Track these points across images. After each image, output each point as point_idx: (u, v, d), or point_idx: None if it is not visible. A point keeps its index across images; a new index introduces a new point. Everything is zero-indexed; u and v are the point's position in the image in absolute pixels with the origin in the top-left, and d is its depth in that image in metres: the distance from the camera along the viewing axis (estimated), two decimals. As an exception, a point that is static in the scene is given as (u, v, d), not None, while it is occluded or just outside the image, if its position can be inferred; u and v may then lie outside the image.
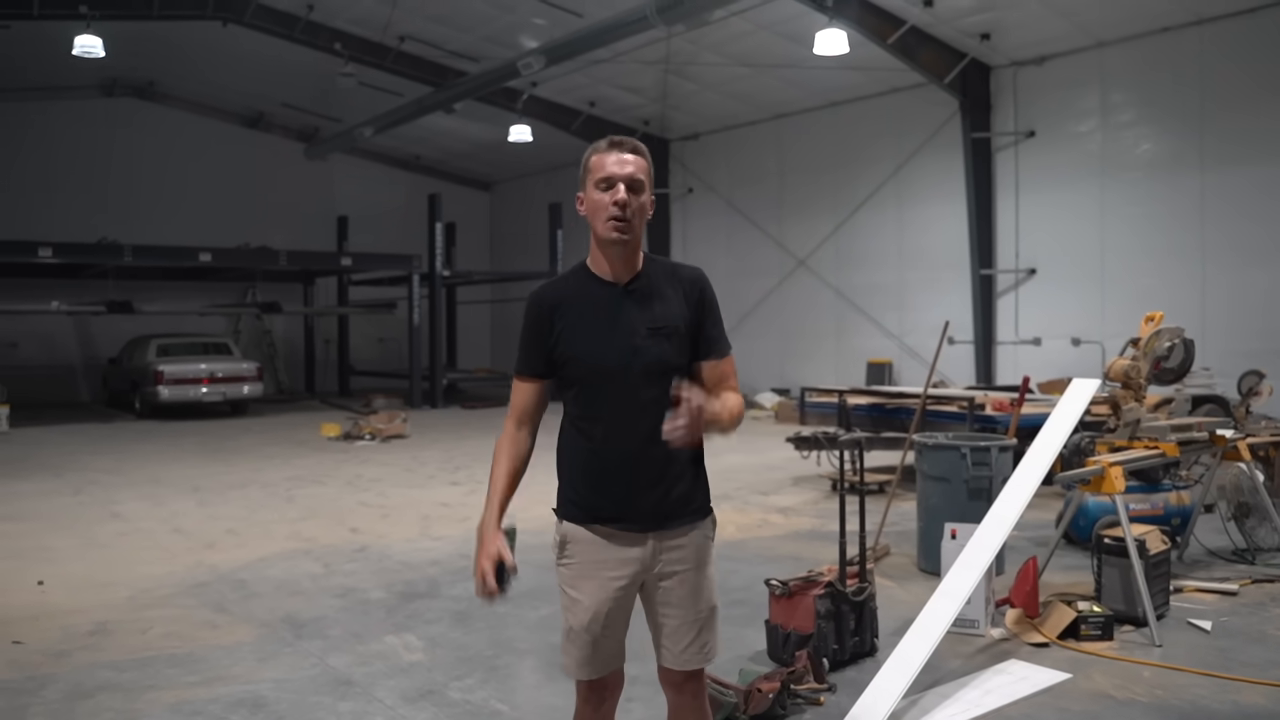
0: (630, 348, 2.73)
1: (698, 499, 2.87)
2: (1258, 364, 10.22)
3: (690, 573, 2.83)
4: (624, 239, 2.73)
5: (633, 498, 2.77)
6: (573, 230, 23.25)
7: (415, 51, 19.16)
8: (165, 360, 18.50)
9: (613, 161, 2.74)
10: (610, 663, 2.89)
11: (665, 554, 2.81)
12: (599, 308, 2.78)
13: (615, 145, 2.77)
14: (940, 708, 4.38)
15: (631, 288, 2.79)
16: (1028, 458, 5.64)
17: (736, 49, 16.80)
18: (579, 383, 2.80)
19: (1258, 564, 6.82)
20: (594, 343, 2.76)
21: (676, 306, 2.78)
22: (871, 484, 9.23)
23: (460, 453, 13.46)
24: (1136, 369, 6.65)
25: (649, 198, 2.79)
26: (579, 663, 2.86)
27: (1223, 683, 4.62)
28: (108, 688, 4.70)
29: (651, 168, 2.80)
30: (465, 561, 7.25)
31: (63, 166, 22.70)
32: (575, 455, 2.86)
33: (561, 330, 2.79)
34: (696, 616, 2.84)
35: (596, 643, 2.83)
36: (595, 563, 2.82)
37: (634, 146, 2.77)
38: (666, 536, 2.81)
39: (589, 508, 2.83)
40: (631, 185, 2.72)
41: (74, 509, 9.51)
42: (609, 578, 2.81)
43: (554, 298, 2.84)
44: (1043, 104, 15.42)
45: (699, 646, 2.86)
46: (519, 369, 2.90)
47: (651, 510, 2.78)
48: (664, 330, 2.75)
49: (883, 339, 17.75)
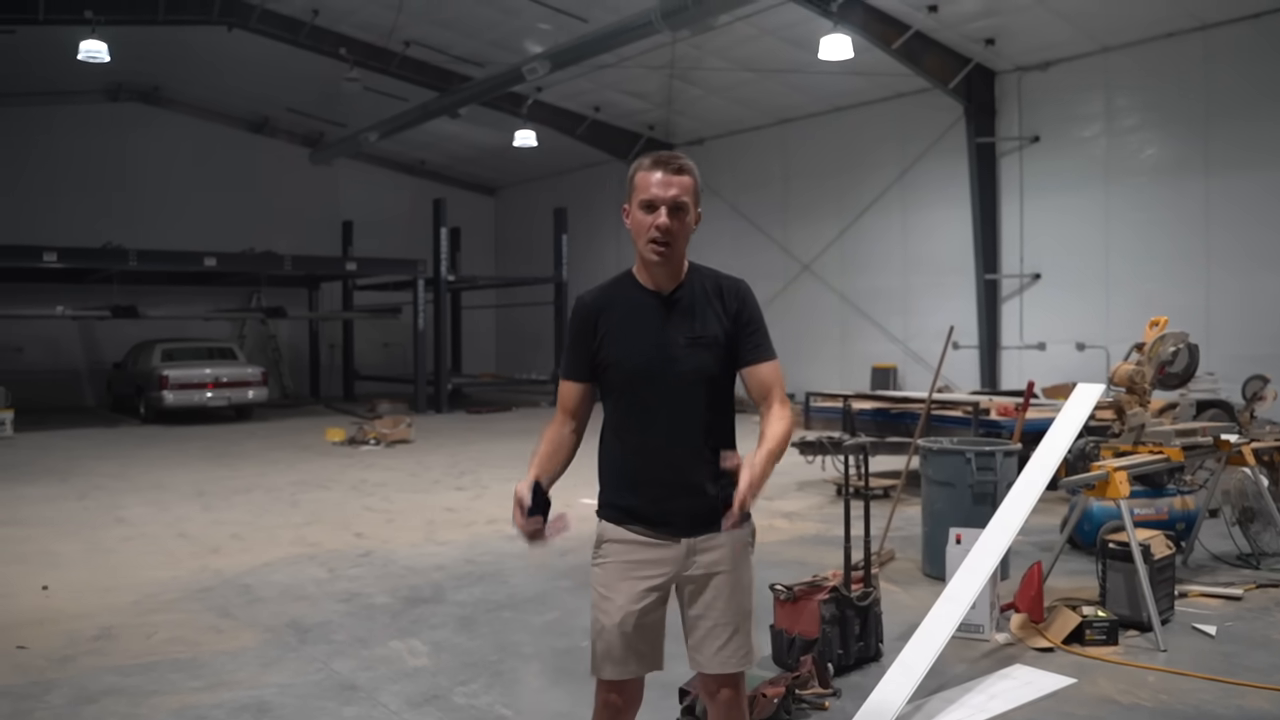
0: (669, 357, 2.78)
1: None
2: (1263, 369, 10.16)
3: (725, 575, 2.85)
4: (665, 261, 2.78)
5: (667, 502, 2.82)
6: (578, 235, 23.29)
7: (420, 57, 19.21)
8: (170, 365, 18.54)
9: (656, 183, 2.76)
10: (639, 665, 2.90)
11: (699, 556, 2.84)
12: (641, 316, 2.82)
13: (660, 164, 2.78)
14: (945, 713, 4.37)
15: (673, 298, 2.83)
16: (1032, 463, 5.63)
17: (741, 54, 16.82)
18: (618, 388, 2.85)
19: (1262, 569, 6.80)
20: (634, 350, 2.81)
21: (716, 317, 2.82)
22: (876, 489, 9.21)
23: (465, 458, 13.46)
24: (1141, 374, 6.63)
25: (694, 216, 2.81)
26: (611, 663, 2.87)
27: (1227, 688, 4.61)
28: (112, 693, 4.70)
29: (698, 182, 2.82)
30: (470, 566, 7.26)
31: (68, 171, 22.76)
32: (613, 458, 2.91)
33: (604, 335, 2.84)
34: (732, 619, 2.86)
35: (626, 642, 2.84)
36: (629, 563, 2.85)
37: (679, 166, 2.78)
38: (700, 540, 2.83)
39: (625, 510, 2.87)
40: (675, 208, 2.75)
41: (79, 514, 9.53)
42: (642, 578, 2.84)
43: (598, 303, 2.88)
44: (1047, 109, 15.42)
45: (734, 649, 2.87)
46: (564, 372, 2.96)
47: (685, 515, 2.82)
48: (703, 340, 2.79)
49: (887, 344, 17.74)
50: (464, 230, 25.87)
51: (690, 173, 2.79)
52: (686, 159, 2.82)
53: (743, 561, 2.89)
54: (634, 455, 2.85)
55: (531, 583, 6.75)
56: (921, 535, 7.02)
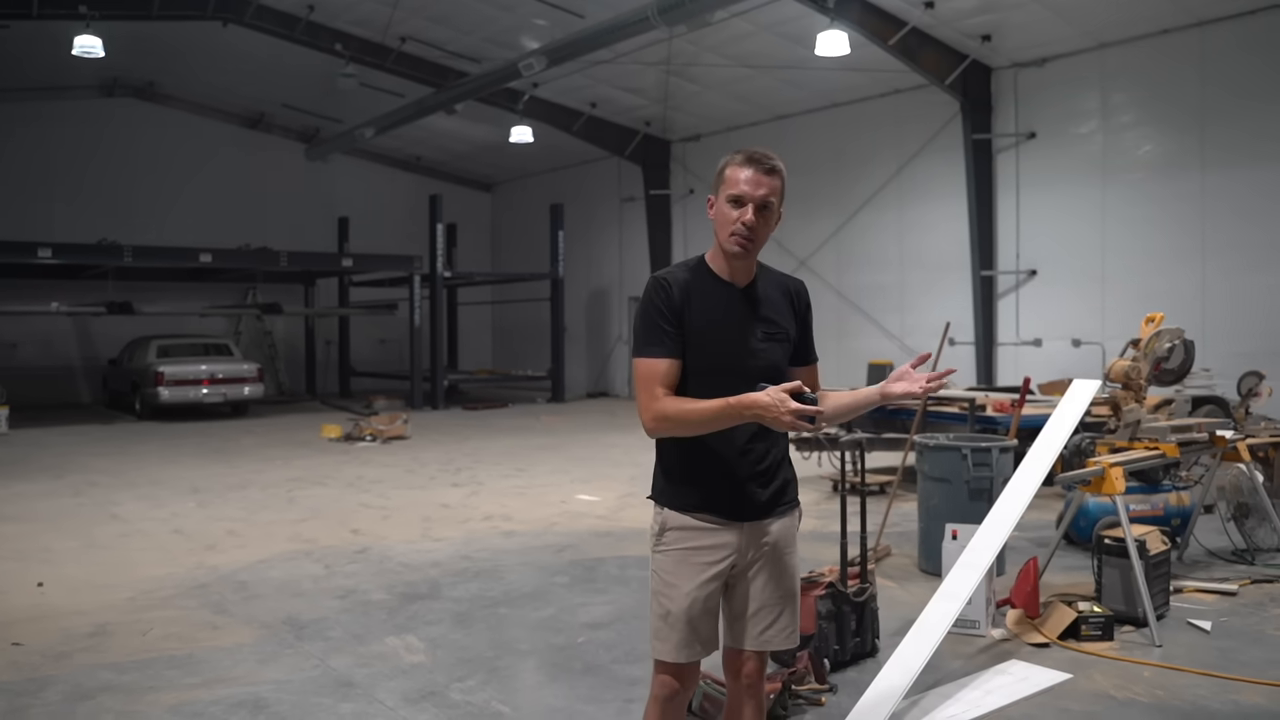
0: (748, 349, 2.86)
1: (791, 491, 3.03)
2: (1257, 365, 10.23)
3: (777, 557, 2.97)
4: (745, 256, 2.85)
5: (735, 490, 2.89)
6: (574, 231, 23.28)
7: (416, 52, 19.16)
8: (165, 361, 18.51)
9: (746, 179, 2.80)
10: (707, 646, 2.97)
11: (760, 538, 2.94)
12: (721, 305, 2.87)
13: (753, 161, 2.81)
14: (941, 708, 4.38)
15: (751, 292, 2.90)
16: (1028, 459, 5.64)
17: (738, 50, 16.80)
18: (697, 374, 2.83)
19: (1257, 564, 6.82)
20: (715, 338, 2.84)
21: (787, 314, 2.95)
22: (873, 485, 9.24)
23: (461, 454, 13.46)
24: (1137, 370, 6.65)
25: (778, 216, 2.88)
26: (678, 646, 2.92)
27: (1223, 683, 4.62)
28: (108, 689, 4.70)
29: (784, 183, 2.85)
30: (467, 563, 7.26)
31: (63, 167, 22.69)
32: (682, 446, 2.89)
33: (692, 318, 2.84)
34: (781, 599, 2.97)
35: (692, 626, 2.91)
36: (693, 549, 2.91)
37: (771, 166, 2.82)
38: (761, 524, 2.94)
39: (691, 497, 2.91)
40: (762, 206, 2.81)
41: (74, 510, 9.51)
42: (705, 563, 2.90)
43: (683, 284, 2.86)
44: (1043, 105, 15.42)
45: (780, 628, 2.98)
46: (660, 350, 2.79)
47: (751, 502, 2.91)
48: (777, 335, 2.91)
49: (884, 340, 17.75)
50: (460, 226, 25.85)
51: (780, 174, 2.84)
52: (778, 160, 2.85)
53: (793, 544, 3.02)
54: (704, 443, 2.85)
55: (528, 579, 6.76)
56: (918, 531, 7.03)
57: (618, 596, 6.30)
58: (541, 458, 12.98)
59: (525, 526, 8.58)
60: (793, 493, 3.04)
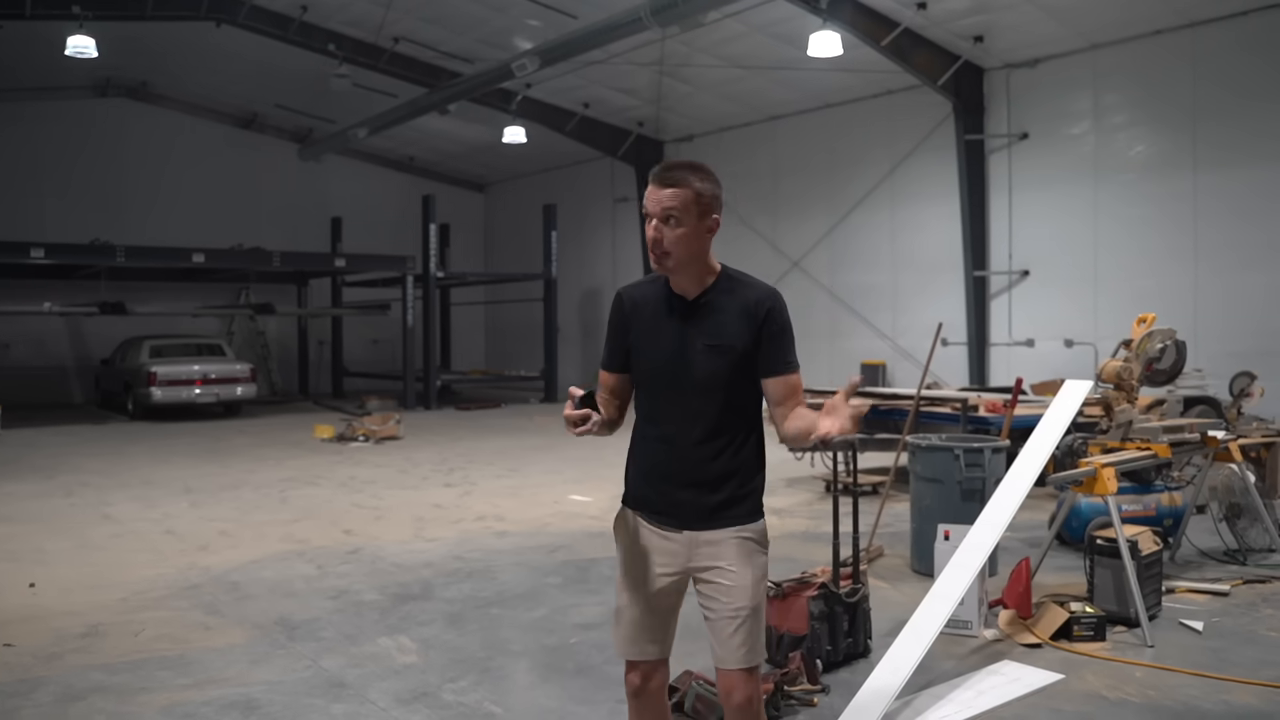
0: (685, 361, 2.86)
1: (741, 505, 2.93)
2: (1249, 365, 10.24)
3: (728, 570, 2.89)
4: (666, 267, 2.85)
5: (672, 495, 2.92)
6: (567, 231, 23.28)
7: (409, 53, 19.15)
8: (158, 361, 18.47)
9: (648, 196, 2.83)
10: (650, 648, 2.98)
11: (701, 549, 2.91)
12: (662, 316, 2.92)
13: (654, 178, 2.84)
14: (933, 709, 4.39)
15: (697, 303, 2.89)
16: (1021, 459, 5.65)
17: (730, 51, 16.82)
18: (641, 383, 2.98)
19: (1249, 564, 6.84)
20: (656, 350, 2.91)
21: (737, 325, 2.85)
22: (865, 485, 9.25)
23: (454, 454, 13.45)
24: (1129, 370, 6.67)
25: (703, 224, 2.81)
26: (624, 642, 3.00)
27: (1214, 683, 4.63)
28: (99, 690, 4.68)
29: (700, 190, 2.80)
30: (459, 563, 7.25)
31: (55, 167, 22.63)
32: (634, 449, 3.02)
33: (635, 332, 2.95)
34: (734, 614, 2.88)
35: (638, 624, 2.96)
36: (640, 549, 2.98)
37: (672, 179, 2.79)
38: (701, 535, 2.91)
39: (638, 498, 3.00)
40: (665, 219, 2.79)
41: (66, 511, 9.48)
42: (650, 564, 2.96)
43: (634, 299, 3.00)
44: (1036, 106, 15.46)
45: (736, 645, 2.88)
46: (603, 362, 3.06)
47: (689, 509, 2.90)
48: (719, 348, 2.84)
49: (876, 340, 17.78)
50: (453, 226, 25.85)
51: (683, 184, 2.79)
52: (688, 169, 2.81)
53: (746, 559, 2.90)
54: (649, 447, 2.96)
55: (520, 580, 6.75)
56: (910, 531, 7.04)
57: (610, 597, 6.25)
58: (534, 458, 12.97)
59: (518, 527, 8.57)
60: (745, 508, 2.92)
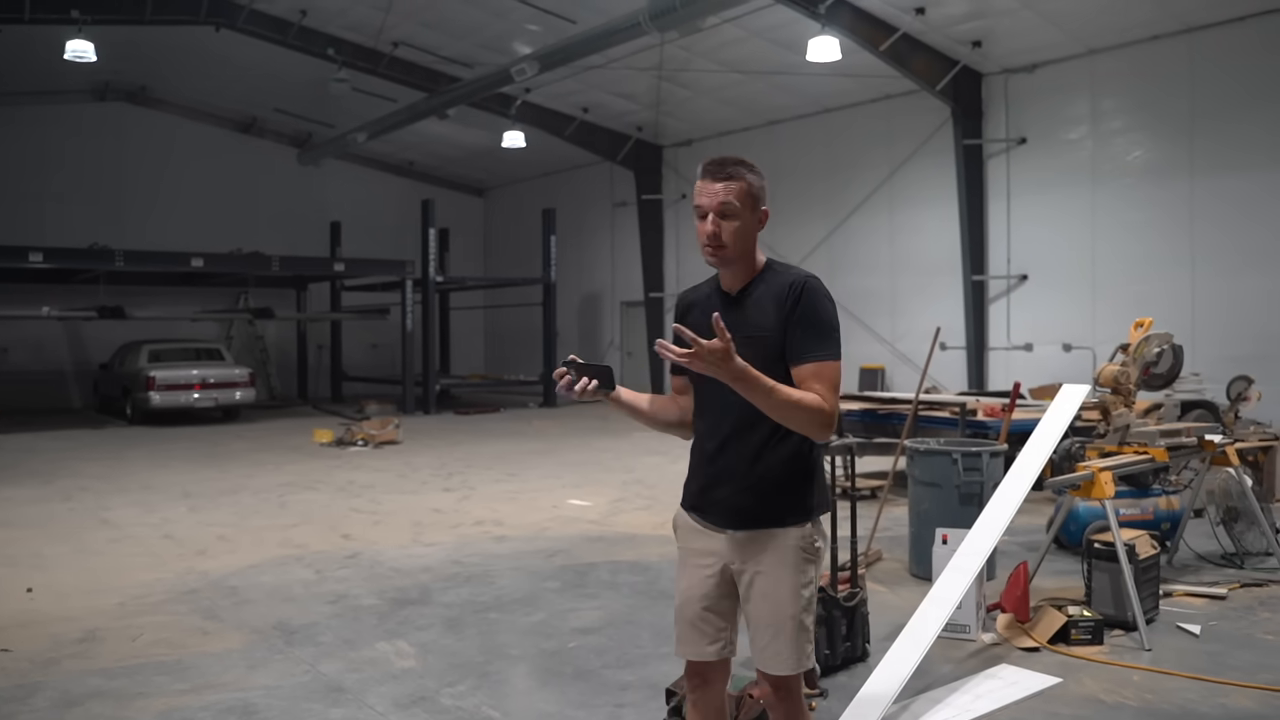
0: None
1: (783, 506, 2.85)
2: (1247, 369, 10.23)
3: (766, 575, 2.84)
4: (719, 263, 2.87)
5: (712, 491, 2.91)
6: (566, 236, 23.28)
7: (408, 57, 19.18)
8: (157, 366, 18.44)
9: (701, 191, 2.82)
10: (708, 648, 2.95)
11: (741, 549, 2.87)
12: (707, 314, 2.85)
13: (705, 171, 2.84)
14: (931, 713, 4.39)
15: (739, 297, 2.90)
16: (1018, 463, 5.66)
17: (729, 55, 16.84)
18: (693, 383, 2.97)
19: (1246, 568, 6.84)
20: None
21: (771, 313, 2.83)
22: (863, 489, 9.25)
23: (453, 459, 13.44)
24: (1126, 374, 6.67)
25: (755, 217, 2.85)
26: (679, 642, 3.00)
27: (1212, 686, 4.64)
28: (97, 695, 4.68)
29: (752, 182, 2.83)
30: (458, 568, 7.25)
31: (54, 171, 22.61)
32: (691, 448, 3.03)
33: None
34: (771, 620, 2.84)
35: (690, 624, 2.95)
36: (689, 549, 2.99)
37: (725, 173, 2.80)
38: (741, 535, 2.87)
39: (687, 495, 3.02)
40: (722, 214, 2.79)
41: (64, 516, 9.48)
42: (698, 564, 2.95)
43: (688, 300, 3.07)
44: (1034, 111, 15.49)
45: (770, 652, 2.85)
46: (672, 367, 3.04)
47: (726, 507, 2.88)
48: (754, 339, 2.80)
49: (875, 345, 17.79)
50: (452, 231, 25.85)
51: (738, 176, 2.81)
52: (738, 164, 2.83)
53: (786, 564, 2.83)
54: (697, 444, 2.97)
55: (519, 584, 6.75)
56: (908, 535, 7.04)
57: (609, 602, 6.29)
58: (533, 463, 12.97)
59: (517, 531, 8.57)
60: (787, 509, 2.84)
